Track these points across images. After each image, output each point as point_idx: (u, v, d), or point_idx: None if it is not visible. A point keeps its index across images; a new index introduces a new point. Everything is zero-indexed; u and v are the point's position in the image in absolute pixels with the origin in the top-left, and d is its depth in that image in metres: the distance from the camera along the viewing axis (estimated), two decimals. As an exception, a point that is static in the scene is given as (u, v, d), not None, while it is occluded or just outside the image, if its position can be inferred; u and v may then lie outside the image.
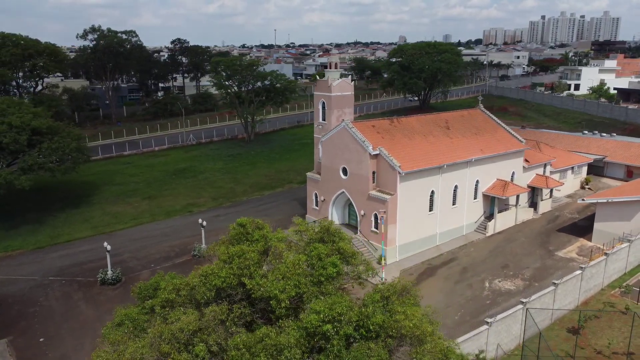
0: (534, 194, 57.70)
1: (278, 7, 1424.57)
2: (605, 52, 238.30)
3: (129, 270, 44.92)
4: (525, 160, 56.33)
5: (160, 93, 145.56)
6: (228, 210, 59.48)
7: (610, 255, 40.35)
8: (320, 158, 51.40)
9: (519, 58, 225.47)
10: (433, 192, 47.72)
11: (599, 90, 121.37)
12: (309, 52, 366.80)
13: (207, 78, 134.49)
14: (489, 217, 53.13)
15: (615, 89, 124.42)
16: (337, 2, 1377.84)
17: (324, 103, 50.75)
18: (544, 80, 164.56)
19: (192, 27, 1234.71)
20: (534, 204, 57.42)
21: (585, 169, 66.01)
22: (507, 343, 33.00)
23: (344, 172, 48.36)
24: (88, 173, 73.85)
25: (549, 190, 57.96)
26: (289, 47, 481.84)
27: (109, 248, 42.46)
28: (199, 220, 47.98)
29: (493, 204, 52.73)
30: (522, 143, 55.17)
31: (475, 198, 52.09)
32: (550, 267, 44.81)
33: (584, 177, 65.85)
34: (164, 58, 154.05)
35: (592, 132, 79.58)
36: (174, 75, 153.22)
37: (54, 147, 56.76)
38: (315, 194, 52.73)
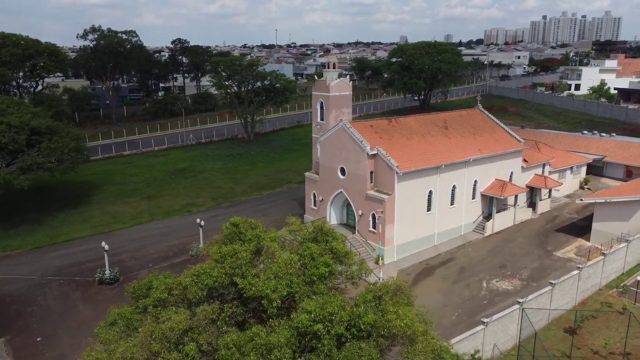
0: (533, 194, 57.64)
1: (279, 7, 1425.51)
2: (606, 52, 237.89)
3: (127, 270, 44.98)
4: (524, 160, 56.29)
5: (161, 93, 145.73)
6: (227, 210, 59.51)
7: (608, 256, 40.32)
8: (319, 158, 51.42)
9: (520, 58, 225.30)
10: (431, 192, 47.71)
11: (599, 90, 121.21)
12: (310, 52, 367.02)
13: (207, 78, 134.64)
14: (488, 217, 53.10)
15: (616, 89, 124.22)
16: (338, 2, 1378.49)
17: (322, 103, 50.76)
18: (545, 80, 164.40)
19: (193, 27, 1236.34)
20: (533, 204, 57.37)
21: (585, 169, 65.93)
22: (503, 343, 32.99)
23: (342, 172, 48.37)
24: (88, 173, 73.97)
25: (548, 190, 57.92)
26: (290, 47, 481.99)
27: (107, 248, 42.52)
28: (197, 220, 48.03)
29: (491, 204, 52.70)
30: (520, 143, 55.12)
31: (474, 198, 52.07)
32: (548, 267, 44.78)
33: (583, 177, 65.78)
34: (165, 58, 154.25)
35: (591, 132, 79.51)
36: (175, 75, 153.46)
37: (53, 147, 56.84)
38: (314, 194, 52.76)
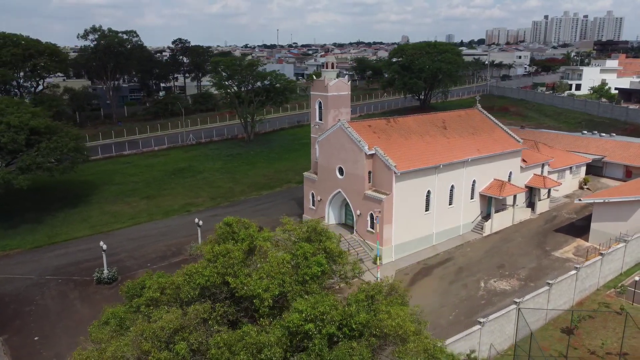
0: (532, 194, 57.59)
1: (281, 7, 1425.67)
2: (608, 52, 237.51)
3: (126, 270, 45.04)
4: (523, 160, 56.24)
5: (162, 93, 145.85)
6: (226, 210, 59.52)
7: (606, 256, 40.27)
8: (317, 158, 51.43)
9: (521, 58, 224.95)
10: (429, 192, 47.70)
11: (600, 90, 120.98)
12: (311, 52, 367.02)
13: (208, 78, 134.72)
14: (486, 217, 53.06)
15: (617, 89, 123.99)
16: (340, 2, 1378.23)
17: (321, 103, 50.77)
18: (546, 80, 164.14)
19: (195, 27, 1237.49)
20: (532, 204, 57.31)
21: (584, 169, 65.84)
22: (500, 343, 32.97)
23: (340, 171, 48.38)
24: (87, 173, 74.09)
25: (547, 191, 57.85)
26: (292, 47, 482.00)
27: (105, 247, 42.59)
28: (196, 220, 48.08)
29: (490, 204, 52.67)
30: (519, 143, 55.08)
31: (472, 198, 52.03)
32: (546, 267, 44.74)
33: (583, 177, 65.69)
34: (166, 58, 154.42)
35: (591, 132, 79.41)
36: (175, 75, 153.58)
37: (52, 146, 56.95)
38: (312, 194, 52.77)
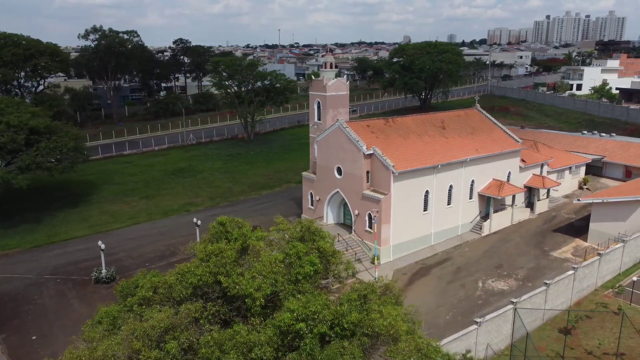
0: (531, 194, 57.55)
1: (283, 7, 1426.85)
2: (610, 52, 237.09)
3: (124, 269, 45.10)
4: (522, 160, 56.20)
5: (163, 93, 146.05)
6: (225, 210, 59.58)
7: (604, 256, 40.22)
8: (316, 158, 51.47)
9: (522, 58, 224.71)
10: (427, 192, 47.68)
11: (601, 90, 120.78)
12: (313, 52, 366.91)
13: (208, 78, 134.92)
14: (485, 217, 53.03)
15: (618, 89, 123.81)
16: (342, 2, 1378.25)
17: (319, 103, 50.80)
18: (547, 80, 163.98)
19: (197, 27, 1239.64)
20: (531, 204, 57.26)
21: (584, 169, 65.74)
22: (497, 343, 32.94)
23: (339, 171, 48.41)
24: (87, 173, 74.24)
25: (546, 191, 57.78)
26: (293, 47, 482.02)
27: (103, 247, 42.67)
28: (194, 220, 48.13)
29: (489, 204, 52.64)
30: (518, 143, 55.05)
31: (471, 198, 52.00)
32: (545, 267, 44.69)
33: (582, 177, 65.60)
34: (166, 58, 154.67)
35: (591, 132, 79.31)
36: (176, 75, 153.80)
37: (52, 146, 57.05)
38: (311, 194, 52.80)
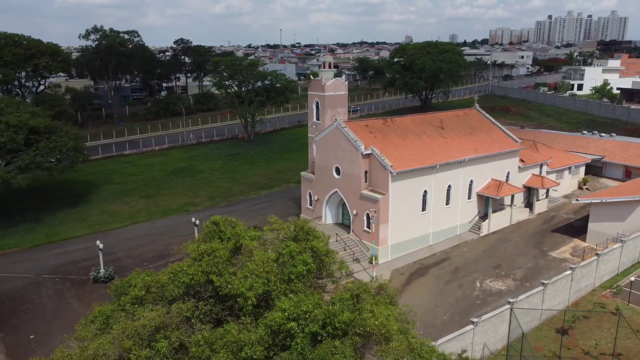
0: (530, 194, 57.50)
1: (284, 7, 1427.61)
2: (611, 51, 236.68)
3: (122, 269, 45.17)
4: (521, 160, 56.15)
5: (164, 93, 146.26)
6: (224, 210, 59.66)
7: (602, 256, 40.16)
8: (314, 157, 51.50)
9: (523, 58, 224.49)
10: (426, 191, 47.67)
11: (602, 90, 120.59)
12: (314, 52, 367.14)
13: (209, 78, 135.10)
14: (484, 217, 52.97)
15: (619, 89, 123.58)
16: (343, 2, 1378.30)
17: (318, 102, 50.84)
18: (548, 80, 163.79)
19: (198, 27, 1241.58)
20: (530, 204, 57.20)
21: (583, 169, 65.63)
22: (494, 343, 32.93)
23: (337, 171, 48.43)
24: (87, 172, 74.37)
25: (545, 191, 57.72)
26: (295, 47, 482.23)
27: (101, 247, 42.76)
28: (193, 220, 48.17)
29: (487, 204, 52.60)
30: (517, 143, 55.00)
31: (470, 198, 51.98)
32: (543, 267, 44.65)
33: (582, 177, 65.50)
34: (167, 58, 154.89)
35: (591, 132, 79.19)
36: (177, 75, 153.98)
37: (51, 146, 57.17)
38: (310, 194, 52.83)
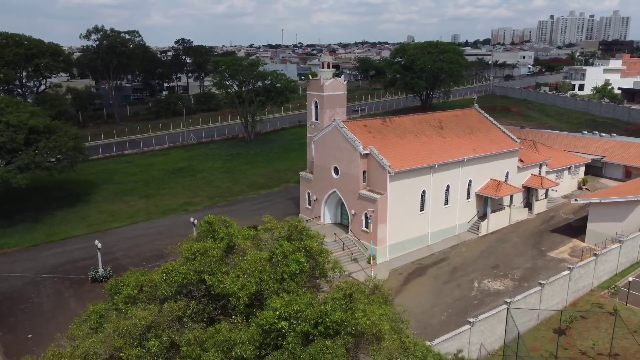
0: (529, 194, 57.43)
1: (286, 7, 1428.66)
2: (613, 51, 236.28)
3: (121, 268, 45.11)
4: (520, 160, 56.09)
5: (165, 93, 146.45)
6: (223, 209, 59.73)
7: (600, 256, 40.09)
8: (313, 157, 51.53)
9: (525, 58, 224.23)
10: (424, 191, 47.65)
11: (603, 91, 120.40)
12: (316, 52, 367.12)
13: (210, 77, 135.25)
14: (483, 217, 52.92)
15: (620, 89, 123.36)
16: (346, 2, 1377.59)
17: (317, 102, 50.87)
18: (549, 80, 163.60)
19: (201, 27, 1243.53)
20: (529, 204, 57.13)
21: (583, 170, 65.52)
22: (491, 343, 32.91)
23: (336, 171, 48.43)
24: (87, 172, 74.50)
25: (544, 191, 57.65)
26: (297, 47, 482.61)
27: (100, 246, 42.88)
28: (191, 219, 48.20)
29: (486, 204, 52.55)
30: (516, 143, 54.94)
31: (468, 198, 51.93)
32: (541, 267, 44.59)
33: (582, 177, 65.40)
34: (168, 58, 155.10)
35: (591, 132, 79.06)
36: (179, 75, 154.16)
37: (51, 146, 57.29)
38: (308, 193, 52.85)
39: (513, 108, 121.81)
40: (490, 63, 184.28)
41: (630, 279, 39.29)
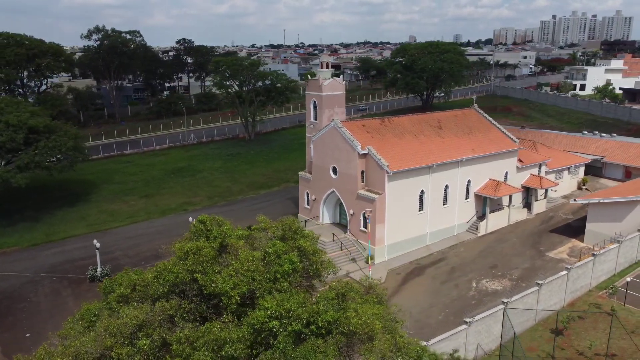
0: (529, 195, 57.36)
1: (288, 7, 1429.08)
2: (615, 51, 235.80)
3: (119, 268, 44.86)
4: (519, 160, 56.02)
5: (166, 93, 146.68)
6: (222, 209, 59.81)
7: (598, 257, 40.03)
8: (312, 157, 51.56)
9: (526, 58, 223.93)
10: (423, 191, 47.64)
11: (604, 91, 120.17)
12: (318, 52, 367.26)
13: (210, 77, 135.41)
14: (482, 217, 52.88)
15: (621, 89, 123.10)
16: (347, 1, 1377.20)
17: (315, 102, 50.91)
18: (550, 80, 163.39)
19: (203, 27, 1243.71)
20: (529, 205, 57.06)
21: (583, 170, 65.41)
22: (487, 343, 32.87)
23: (334, 171, 48.46)
24: (88, 172, 74.64)
25: (544, 191, 57.57)
26: (298, 47, 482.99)
27: (98, 245, 42.98)
28: (190, 219, 48.23)
29: (485, 204, 52.49)
30: (515, 143, 54.87)
31: (467, 198, 51.89)
32: (540, 267, 44.53)
33: (581, 177, 65.29)
34: (169, 58, 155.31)
35: (592, 132, 78.92)
36: (180, 75, 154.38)
37: (51, 145, 57.46)
38: (307, 193, 52.89)
39: (514, 108, 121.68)
40: (492, 63, 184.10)
41: (629, 279, 39.23)
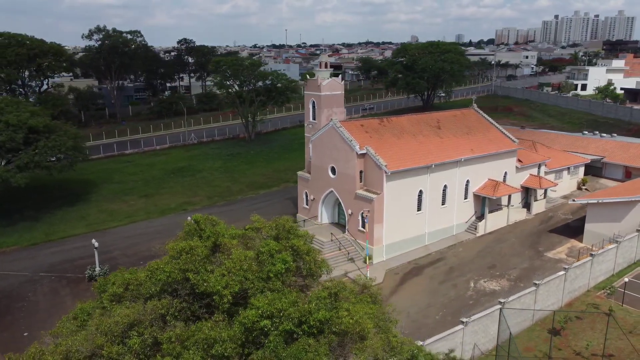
0: (528, 195, 57.29)
1: (290, 7, 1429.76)
2: (617, 51, 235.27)
3: (117, 267, 45.14)
4: (519, 161, 55.94)
5: (167, 92, 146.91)
6: (221, 209, 59.90)
7: (596, 257, 39.96)
8: (311, 157, 51.60)
9: (528, 58, 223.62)
10: (421, 191, 47.62)
11: (605, 91, 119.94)
12: (319, 52, 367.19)
13: (211, 77, 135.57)
14: (481, 217, 52.85)
15: (623, 89, 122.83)
16: (349, 1, 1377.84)
17: (314, 102, 50.92)
18: (552, 80, 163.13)
19: (205, 27, 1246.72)
20: (528, 205, 56.99)
21: (582, 170, 65.30)
22: (484, 343, 32.86)
23: (333, 171, 48.48)
24: (88, 172, 74.78)
25: (543, 191, 57.50)
26: (300, 47, 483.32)
27: (97, 245, 43.08)
28: (189, 219, 48.19)
29: (484, 204, 52.45)
30: (514, 143, 54.81)
31: (466, 198, 51.85)
32: (538, 267, 44.48)
33: (581, 177, 65.19)
34: (170, 58, 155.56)
35: (592, 132, 78.78)
36: (181, 75, 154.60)
37: (51, 145, 57.58)
38: (306, 193, 52.92)
39: (515, 108, 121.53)
40: (493, 63, 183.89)
41: (627, 280, 39.16)
